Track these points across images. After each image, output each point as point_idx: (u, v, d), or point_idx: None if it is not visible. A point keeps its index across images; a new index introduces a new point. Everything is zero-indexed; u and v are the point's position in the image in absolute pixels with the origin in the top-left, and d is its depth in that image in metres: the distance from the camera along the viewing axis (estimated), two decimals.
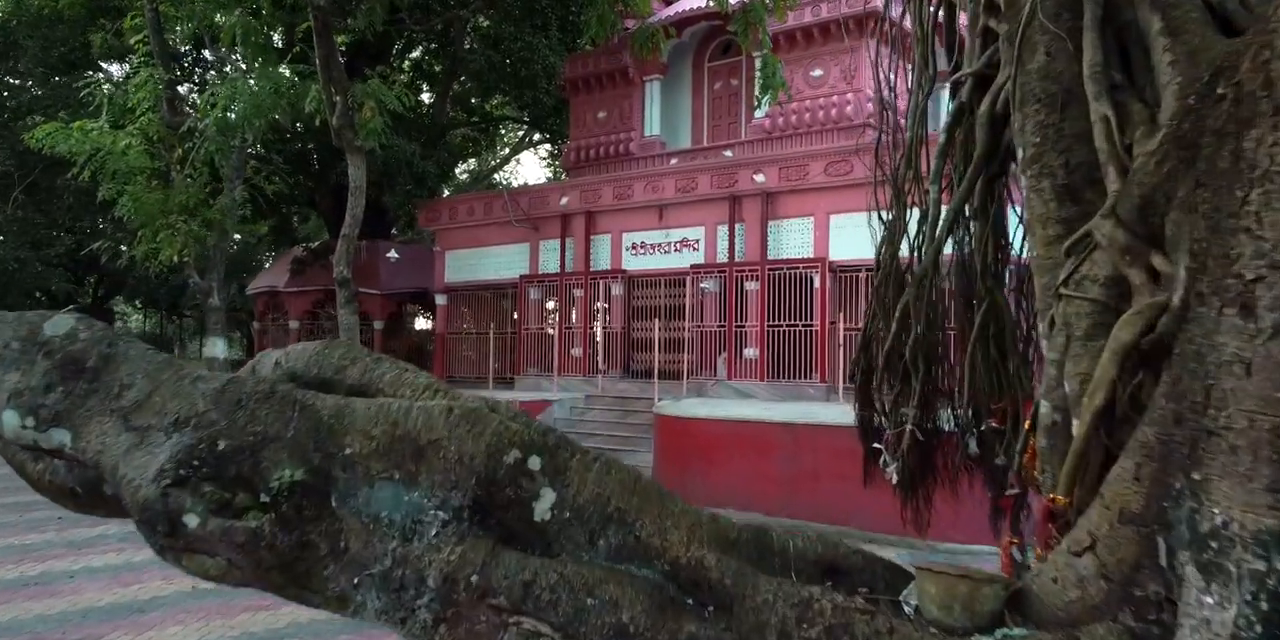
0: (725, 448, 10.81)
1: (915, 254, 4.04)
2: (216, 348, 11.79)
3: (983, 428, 3.77)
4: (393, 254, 19.29)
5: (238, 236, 33.86)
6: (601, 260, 16.89)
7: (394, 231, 27.23)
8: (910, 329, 3.65)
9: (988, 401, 3.76)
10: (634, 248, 16.44)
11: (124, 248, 12.46)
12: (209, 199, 11.91)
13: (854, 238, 13.79)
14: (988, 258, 3.67)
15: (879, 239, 4.41)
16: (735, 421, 10.82)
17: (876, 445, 3.90)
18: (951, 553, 9.16)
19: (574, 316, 17.07)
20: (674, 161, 17.07)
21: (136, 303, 52.35)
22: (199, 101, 11.12)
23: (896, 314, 3.71)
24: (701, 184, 15.39)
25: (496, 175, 37.43)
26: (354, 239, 10.44)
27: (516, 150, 36.75)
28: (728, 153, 16.72)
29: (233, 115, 10.98)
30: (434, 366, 19.78)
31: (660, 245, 16.08)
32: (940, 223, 3.70)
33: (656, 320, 15.62)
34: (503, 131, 35.34)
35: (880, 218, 4.18)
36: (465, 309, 19.66)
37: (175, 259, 11.24)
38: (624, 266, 16.51)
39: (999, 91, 3.57)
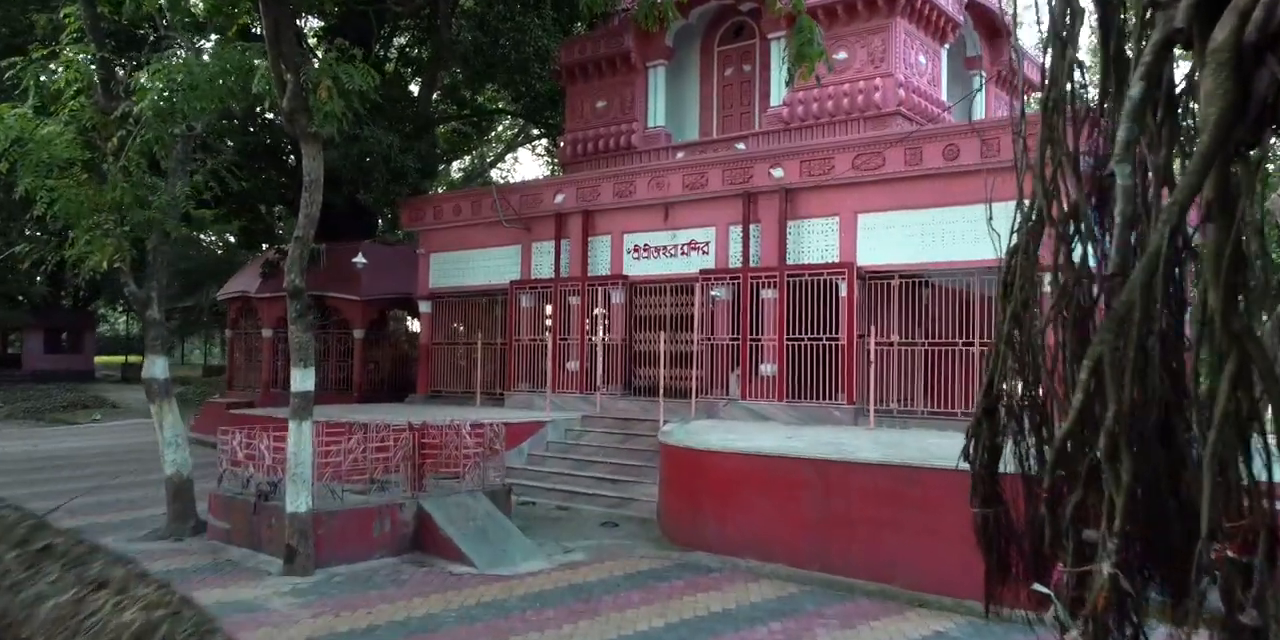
0: (743, 486, 9.40)
1: (1084, 273, 2.63)
2: (155, 367, 10.33)
3: (1211, 556, 2.34)
4: (360, 259, 17.80)
5: (209, 237, 32.43)
6: (600, 264, 15.49)
7: (381, 231, 25.84)
8: (1112, 401, 2.21)
9: (1217, 516, 2.33)
10: (636, 250, 15.03)
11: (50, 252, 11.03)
12: (148, 195, 10.49)
13: (885, 240, 12.39)
14: (1233, 285, 2.23)
15: (1007, 247, 3.00)
16: (754, 456, 9.40)
17: (1039, 588, 2.45)
18: (1017, 623, 7.76)
19: (570, 326, 15.66)
20: (680, 155, 15.67)
21: (117, 306, 51.00)
22: (134, 82, 9.70)
23: (1082, 373, 2.26)
24: (712, 180, 13.97)
25: (493, 173, 36.00)
26: (308, 242, 9.02)
27: (512, 147, 35.33)
28: (740, 145, 15.31)
29: (174, 98, 9.60)
30: (418, 380, 18.37)
31: (666, 248, 14.67)
32: (1158, 223, 2.26)
33: (661, 332, 14.21)
34: (499, 128, 33.96)
35: (1037, 211, 2.73)
36: (452, 317, 18.23)
37: (106, 265, 9.84)
38: (625, 271, 15.10)
39: (1247, 11, 2.16)
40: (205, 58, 10.33)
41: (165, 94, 9.49)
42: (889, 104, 13.80)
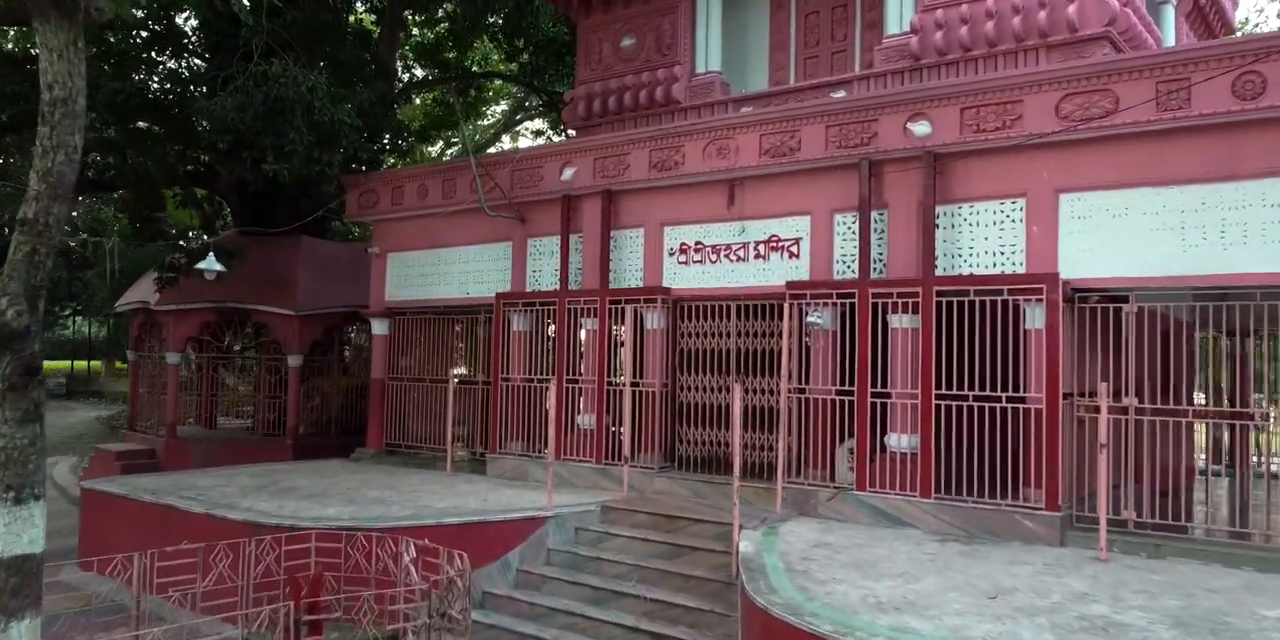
0: None
1: None
2: None
3: None
4: (209, 263, 13.03)
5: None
6: (629, 271, 10.89)
7: (336, 223, 21.23)
8: None
9: None
10: (685, 251, 10.43)
11: None
12: None
13: (1113, 237, 7.77)
14: None
15: None
16: None
17: None
18: None
19: (583, 362, 11.05)
20: (746, 110, 11.02)
21: (61, 306, 46.44)
22: None
23: None
24: (808, 141, 9.34)
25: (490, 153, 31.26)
26: (49, 232, 4.46)
27: (510, 125, 30.62)
28: (838, 92, 10.67)
29: None
30: (369, 431, 13.76)
31: (731, 248, 10.06)
32: None
33: (729, 375, 9.57)
34: (496, 108, 29.34)
35: None
36: (416, 343, 13.61)
37: None
38: (667, 282, 10.50)
39: None
40: None
41: None
42: (1091, 22, 9.13)
